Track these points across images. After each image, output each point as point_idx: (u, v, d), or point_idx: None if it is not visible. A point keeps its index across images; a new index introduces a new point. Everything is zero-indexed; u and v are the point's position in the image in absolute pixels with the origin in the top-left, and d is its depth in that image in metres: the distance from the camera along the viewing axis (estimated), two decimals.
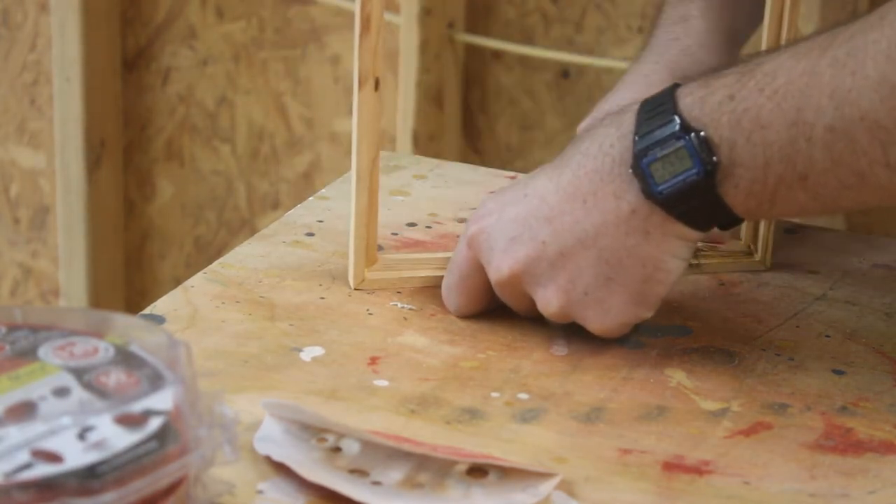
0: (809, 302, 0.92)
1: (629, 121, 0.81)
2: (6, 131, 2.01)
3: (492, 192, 0.88)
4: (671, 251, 0.81)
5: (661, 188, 0.79)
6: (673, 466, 0.74)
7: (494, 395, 0.80)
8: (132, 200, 2.00)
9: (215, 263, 0.93)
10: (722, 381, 0.82)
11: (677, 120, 0.78)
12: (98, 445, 0.59)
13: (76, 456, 0.59)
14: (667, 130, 0.78)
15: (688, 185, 0.78)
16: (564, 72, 1.73)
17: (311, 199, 1.04)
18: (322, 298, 0.89)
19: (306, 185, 1.90)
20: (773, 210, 0.79)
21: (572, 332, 0.85)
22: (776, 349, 0.86)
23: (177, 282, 1.80)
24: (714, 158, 0.77)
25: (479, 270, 0.86)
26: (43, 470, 0.58)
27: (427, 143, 1.73)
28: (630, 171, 0.80)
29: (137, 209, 2.00)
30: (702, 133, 0.78)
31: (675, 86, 0.80)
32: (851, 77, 0.74)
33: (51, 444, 0.59)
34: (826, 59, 0.75)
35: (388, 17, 1.77)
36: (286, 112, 1.89)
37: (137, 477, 0.59)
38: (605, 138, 0.81)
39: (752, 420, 0.78)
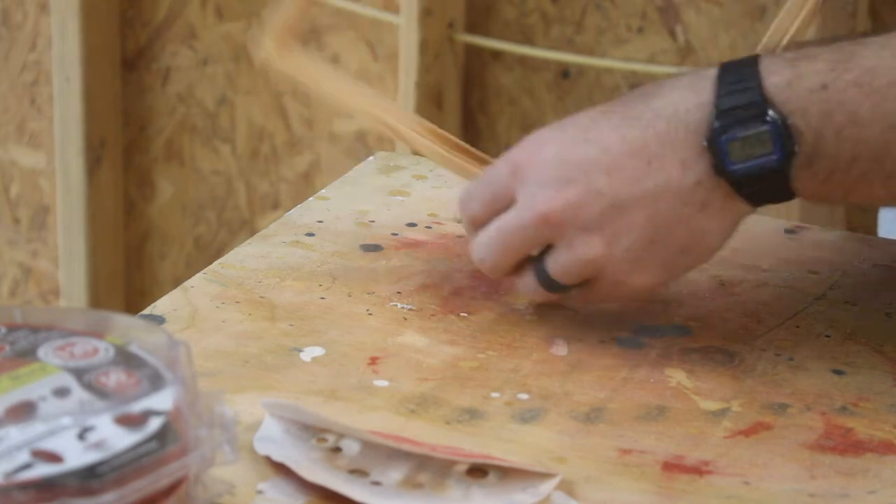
0: (809, 302, 0.92)
1: (708, 88, 0.78)
2: (6, 131, 2.01)
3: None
4: (721, 225, 0.80)
5: (735, 167, 0.77)
6: (673, 466, 0.74)
7: (494, 395, 0.80)
8: (132, 200, 2.00)
9: (215, 263, 0.93)
10: (722, 381, 0.82)
11: (763, 101, 0.77)
12: (98, 445, 0.59)
13: (76, 456, 0.59)
14: (751, 110, 0.77)
15: (764, 169, 0.77)
16: (564, 72, 1.73)
17: (310, 199, 1.04)
18: (322, 298, 0.89)
19: (306, 185, 1.90)
20: (844, 199, 0.79)
21: (572, 333, 0.85)
22: (776, 349, 0.86)
23: (177, 282, 1.79)
24: (795, 147, 0.76)
25: (509, 199, 0.82)
26: (43, 470, 0.58)
27: None
28: (705, 142, 0.78)
29: (137, 209, 2.00)
30: (788, 120, 0.76)
31: (757, 58, 0.78)
32: None
33: (51, 444, 0.59)
34: None
35: (388, 17, 1.77)
36: (286, 112, 1.89)
37: (137, 477, 0.59)
38: (680, 102, 0.79)
39: (752, 420, 0.78)
